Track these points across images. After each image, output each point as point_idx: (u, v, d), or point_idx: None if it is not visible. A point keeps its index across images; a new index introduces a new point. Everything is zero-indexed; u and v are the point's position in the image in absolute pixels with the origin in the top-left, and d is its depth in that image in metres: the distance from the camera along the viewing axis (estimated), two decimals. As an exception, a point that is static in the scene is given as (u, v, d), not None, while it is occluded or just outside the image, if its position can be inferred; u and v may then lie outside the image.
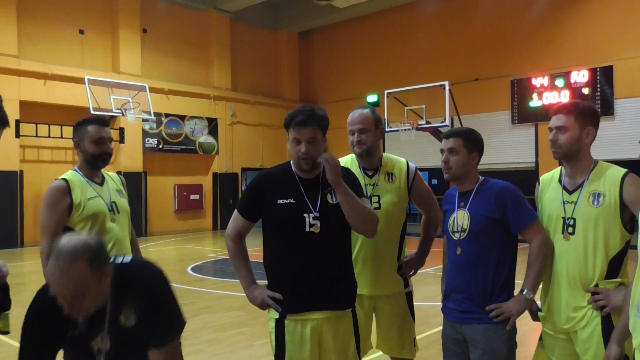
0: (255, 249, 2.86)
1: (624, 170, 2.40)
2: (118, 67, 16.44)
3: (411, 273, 3.13)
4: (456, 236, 2.63)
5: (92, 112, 14.10)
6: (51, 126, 14.90)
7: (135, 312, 1.96)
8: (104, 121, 3.11)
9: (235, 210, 2.63)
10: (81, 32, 15.96)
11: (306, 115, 2.44)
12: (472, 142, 2.65)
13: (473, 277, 2.57)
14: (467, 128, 2.76)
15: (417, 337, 3.21)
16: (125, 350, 2.00)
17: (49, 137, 14.94)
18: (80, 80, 14.68)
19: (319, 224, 2.46)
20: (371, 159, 3.03)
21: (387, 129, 14.24)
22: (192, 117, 18.31)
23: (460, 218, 2.63)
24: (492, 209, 2.55)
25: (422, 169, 3.47)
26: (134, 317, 1.96)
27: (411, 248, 3.15)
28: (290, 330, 2.48)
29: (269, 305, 2.51)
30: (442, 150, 2.68)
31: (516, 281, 2.66)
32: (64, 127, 14.96)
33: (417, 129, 14.26)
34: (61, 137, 15.03)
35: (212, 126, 18.86)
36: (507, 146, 16.51)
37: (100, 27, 16.42)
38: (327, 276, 2.48)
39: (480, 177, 2.70)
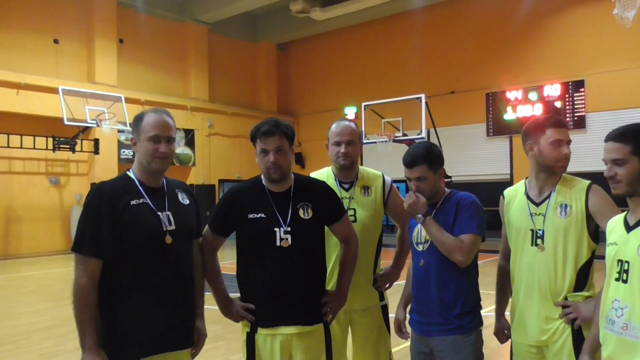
0: (229, 262, 2.84)
1: (588, 181, 2.46)
2: (93, 78, 16.25)
3: (386, 286, 3.14)
4: (419, 247, 2.65)
5: (66, 122, 13.89)
6: (23, 137, 14.58)
7: None
8: None
9: (207, 225, 2.63)
10: (56, 41, 15.76)
11: (271, 125, 2.47)
12: (435, 162, 2.59)
13: (436, 288, 2.56)
14: (424, 146, 2.62)
15: (393, 350, 3.21)
16: None
17: (21, 147, 14.61)
18: (54, 90, 14.43)
19: (289, 239, 2.46)
20: (350, 172, 3.05)
21: (364, 141, 14.29)
22: (168, 128, 18.12)
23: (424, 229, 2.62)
24: (452, 217, 2.56)
25: (398, 181, 3.48)
26: None
27: (388, 259, 3.16)
28: (261, 344, 2.48)
29: (243, 316, 2.50)
30: (408, 179, 2.62)
31: (481, 290, 2.67)
32: (36, 138, 14.69)
33: (394, 141, 14.36)
34: (34, 148, 14.73)
35: (189, 137, 18.71)
36: (482, 158, 16.75)
37: (75, 36, 16.23)
38: (297, 291, 2.47)
39: (446, 189, 2.70)
